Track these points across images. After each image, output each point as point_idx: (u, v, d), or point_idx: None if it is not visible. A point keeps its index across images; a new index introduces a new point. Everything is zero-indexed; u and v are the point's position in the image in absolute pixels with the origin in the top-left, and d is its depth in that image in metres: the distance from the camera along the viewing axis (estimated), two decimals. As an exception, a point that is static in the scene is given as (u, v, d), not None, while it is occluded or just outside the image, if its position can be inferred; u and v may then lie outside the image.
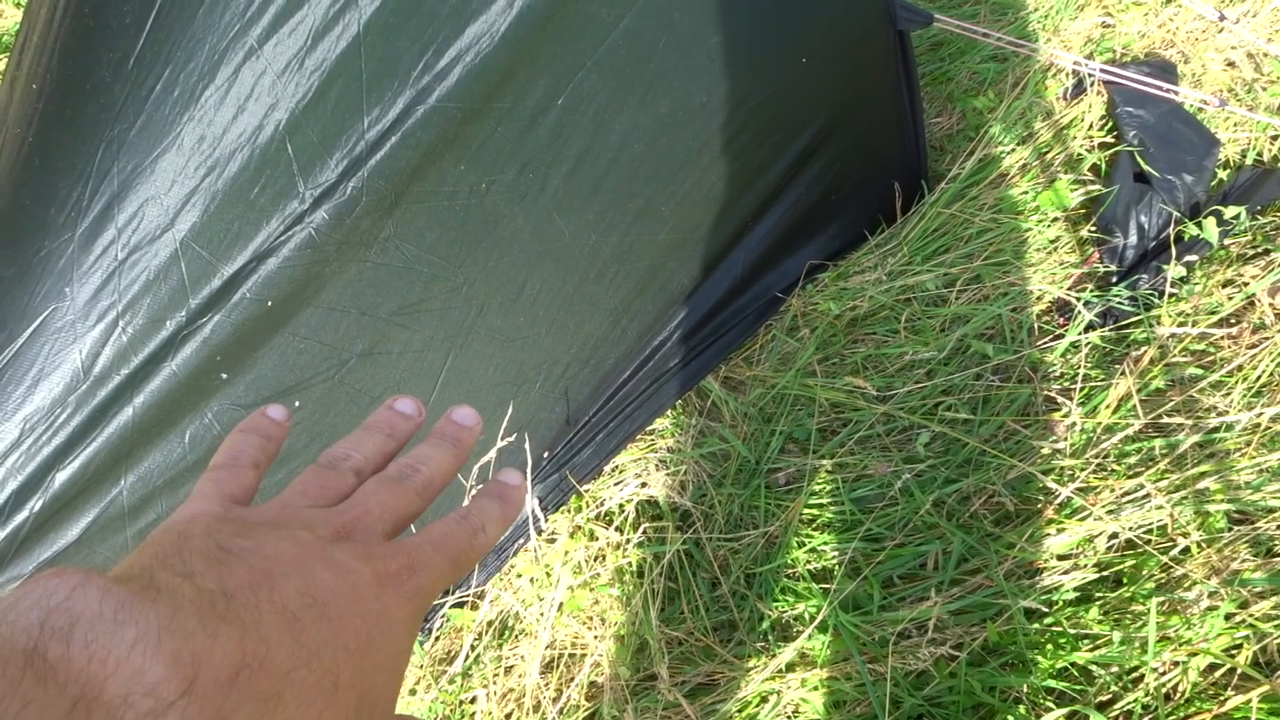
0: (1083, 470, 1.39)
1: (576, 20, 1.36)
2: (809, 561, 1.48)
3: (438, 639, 1.52)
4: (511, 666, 1.45)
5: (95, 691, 0.25)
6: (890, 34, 1.68)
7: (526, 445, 1.53)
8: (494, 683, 1.43)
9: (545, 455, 1.60)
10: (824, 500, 1.54)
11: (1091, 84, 1.96)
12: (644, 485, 1.59)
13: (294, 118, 1.22)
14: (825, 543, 1.49)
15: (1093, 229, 1.77)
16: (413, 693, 1.45)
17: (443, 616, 1.51)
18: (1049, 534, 1.33)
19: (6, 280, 1.19)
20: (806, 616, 1.40)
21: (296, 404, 1.34)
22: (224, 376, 1.27)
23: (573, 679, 1.42)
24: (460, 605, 1.51)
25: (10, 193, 1.25)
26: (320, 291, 1.30)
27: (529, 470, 1.52)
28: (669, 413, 1.71)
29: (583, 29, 1.37)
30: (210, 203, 1.21)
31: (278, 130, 1.22)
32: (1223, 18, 1.95)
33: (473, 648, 1.47)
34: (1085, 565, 1.29)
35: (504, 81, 1.33)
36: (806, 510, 1.53)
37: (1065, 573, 1.30)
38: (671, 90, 1.49)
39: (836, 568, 1.45)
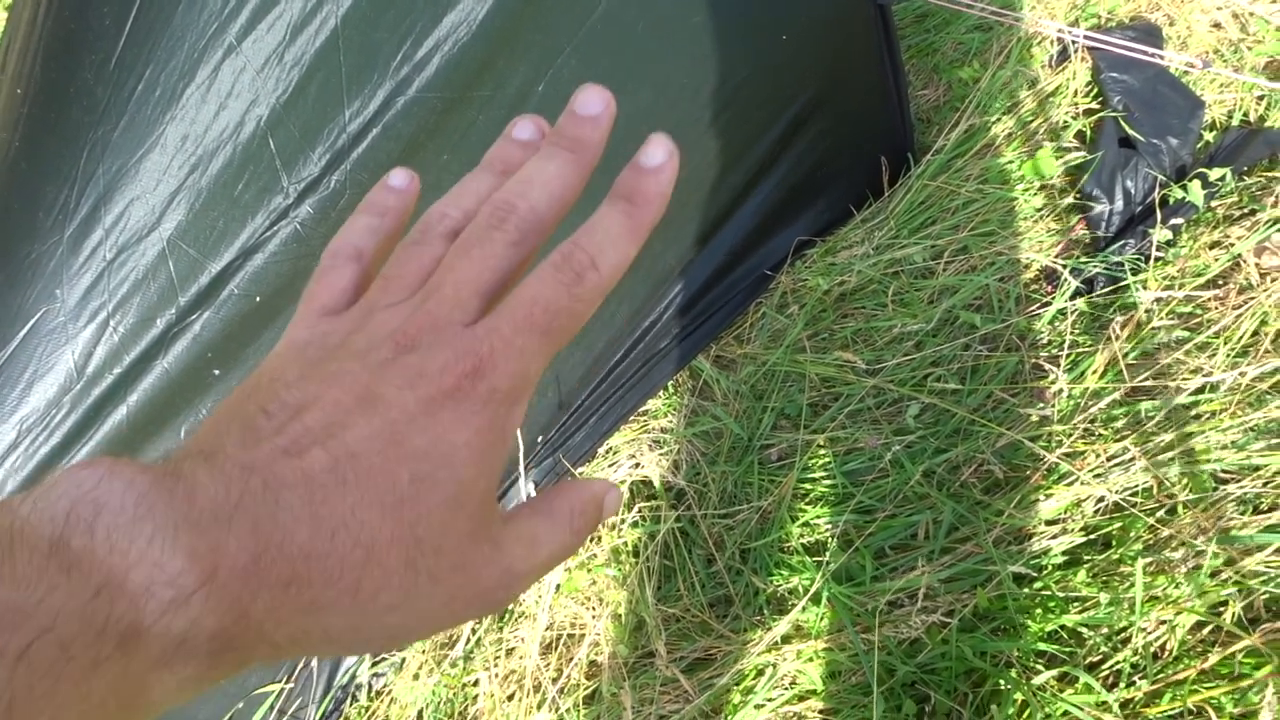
0: (1070, 436, 1.40)
1: (554, 5, 1.36)
2: (802, 535, 1.50)
3: (439, 623, 1.54)
4: (512, 649, 1.47)
5: (120, 579, 0.26)
6: (871, 8, 1.68)
7: (518, 432, 1.54)
8: (495, 665, 1.45)
9: (539, 440, 1.62)
10: (816, 474, 1.55)
11: (1076, 51, 1.96)
12: (638, 466, 1.61)
13: (275, 113, 1.23)
14: (818, 516, 1.50)
15: (1078, 196, 1.77)
16: (415, 677, 1.47)
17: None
18: (1037, 500, 1.35)
19: (-1, 285, 1.21)
20: (801, 589, 1.42)
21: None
22: (216, 373, 1.28)
23: (572, 658, 1.44)
24: (460, 590, 1.53)
25: (-1, 198, 1.27)
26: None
27: (522, 457, 1.54)
28: (661, 393, 1.72)
29: (561, 14, 1.38)
30: (195, 200, 1.22)
31: (259, 126, 1.23)
32: (1205, -21, 1.94)
33: (473, 631, 1.49)
34: (1073, 529, 1.30)
35: (483, 70, 1.34)
36: (799, 485, 1.54)
37: (1054, 537, 1.31)
38: (653, 72, 1.50)
39: (829, 540, 1.46)
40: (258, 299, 1.27)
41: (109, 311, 1.21)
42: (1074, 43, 1.95)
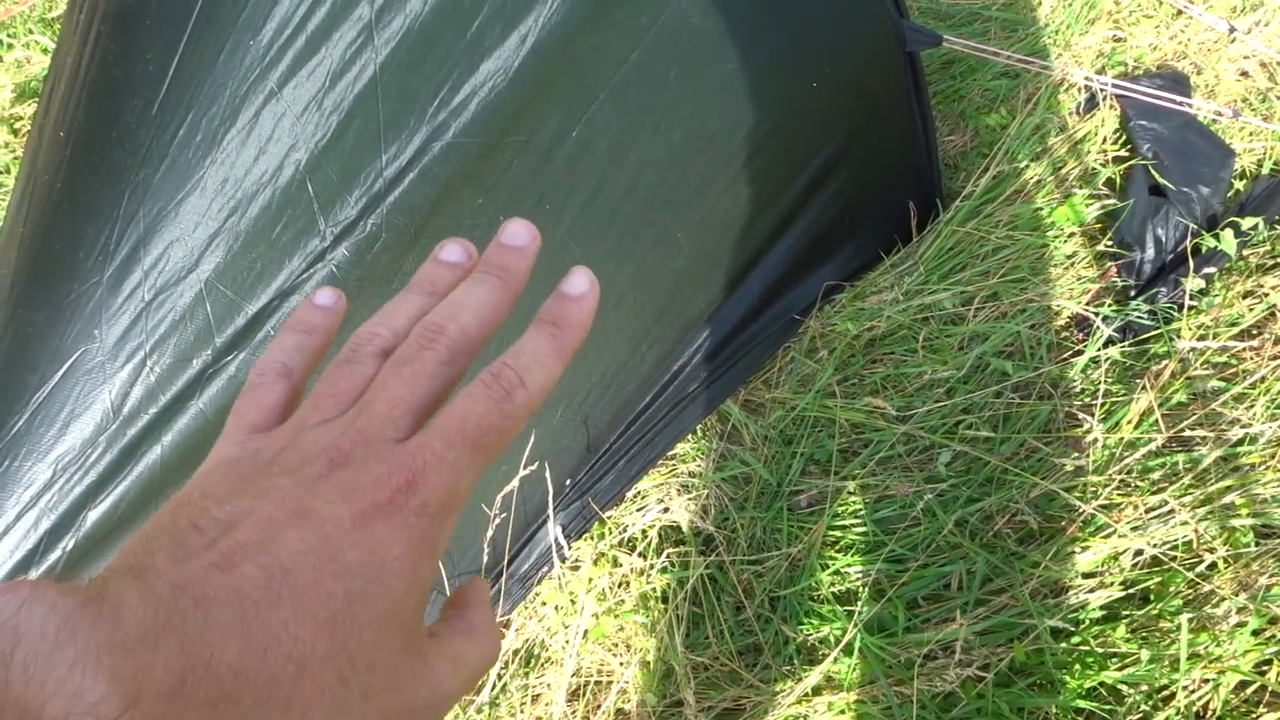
0: (1106, 487, 1.39)
1: (589, 53, 1.38)
2: (833, 584, 1.48)
3: (465, 668, 1.52)
4: (538, 695, 1.46)
5: (35, 712, 0.25)
6: (899, 55, 1.69)
7: (547, 474, 1.54)
8: (521, 712, 1.43)
9: (567, 483, 1.61)
10: (846, 522, 1.54)
11: (1104, 98, 1.96)
12: (666, 510, 1.60)
13: (313, 157, 1.25)
14: (849, 565, 1.49)
15: (1109, 243, 1.77)
16: (441, 723, 1.45)
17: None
18: (1074, 552, 1.33)
19: (38, 324, 1.22)
20: (832, 639, 1.40)
21: (321, 438, 1.36)
22: (250, 413, 1.29)
23: (599, 706, 1.42)
24: (486, 634, 1.52)
25: (41, 238, 1.28)
26: (342, 329, 1.32)
27: (550, 499, 1.53)
28: (690, 437, 1.72)
29: (595, 62, 1.39)
30: (234, 243, 1.23)
31: (298, 170, 1.24)
32: (1233, 29, 1.95)
33: (499, 677, 1.48)
34: (1111, 583, 1.29)
35: (519, 115, 1.35)
36: (829, 532, 1.53)
37: (1091, 591, 1.29)
38: (684, 119, 1.51)
39: (861, 590, 1.45)
40: (293, 341, 1.28)
41: (146, 352, 1.21)
42: (1102, 90, 1.95)
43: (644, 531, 1.59)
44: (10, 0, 2.74)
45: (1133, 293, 1.70)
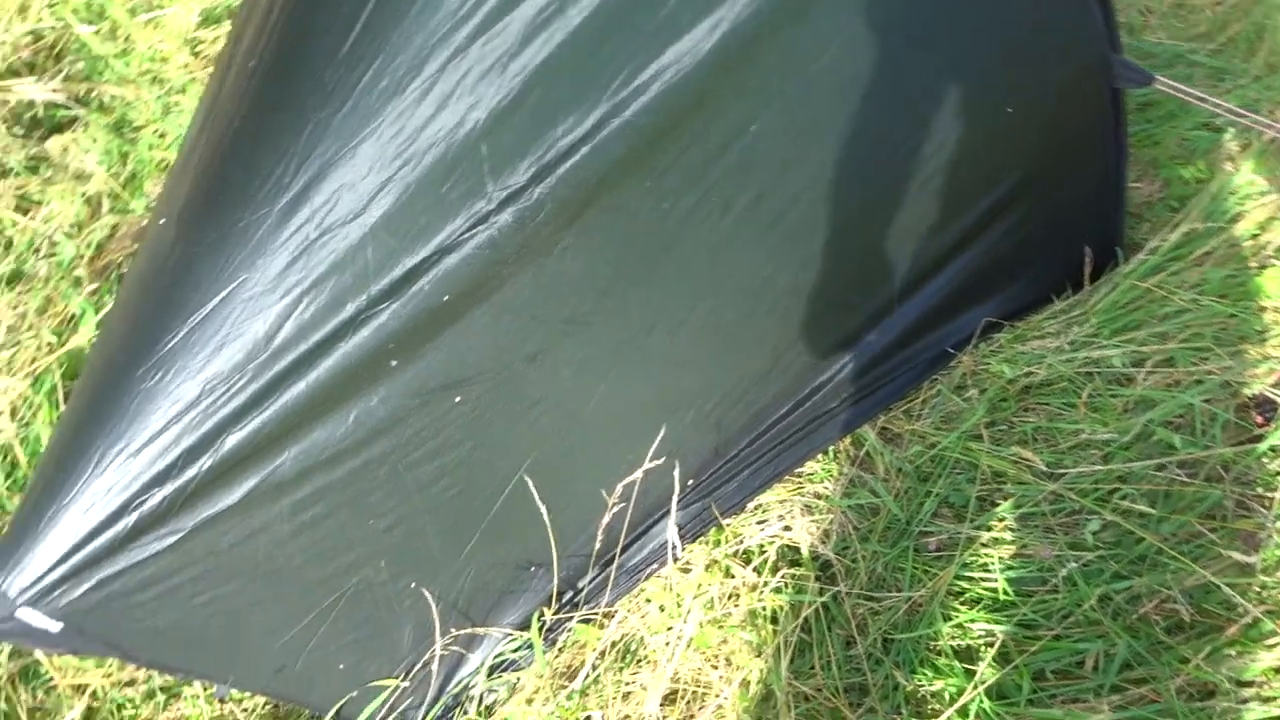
0: (1276, 590, 1.27)
1: (779, 50, 1.32)
2: (953, 637, 1.40)
3: (561, 651, 1.50)
4: (630, 693, 1.43)
5: None
6: (1105, 91, 1.59)
7: (676, 471, 1.50)
8: (611, 706, 1.40)
9: (690, 483, 1.57)
10: (976, 574, 1.46)
11: (1321, 166, 1.81)
12: (787, 529, 1.54)
13: (491, 119, 1.23)
14: (973, 620, 1.40)
15: (1308, 324, 1.62)
16: (529, 702, 1.44)
17: (569, 630, 1.50)
18: (1231, 655, 1.22)
19: (206, 246, 1.24)
20: (946, 696, 1.32)
21: (458, 399, 1.35)
22: (394, 364, 1.28)
23: (692, 717, 1.38)
24: (587, 621, 1.50)
25: (218, 163, 1.30)
26: (495, 292, 1.31)
27: (675, 496, 1.49)
28: (820, 457, 1.65)
29: (785, 59, 1.34)
30: (403, 193, 1.22)
31: (475, 129, 1.23)
32: None
33: (594, 666, 1.45)
34: (1271, 698, 1.17)
35: (700, 103, 1.31)
36: (956, 581, 1.45)
37: (1245, 701, 1.18)
38: (868, 130, 1.45)
39: (983, 649, 1.36)
40: (446, 297, 1.27)
41: (304, 289, 1.22)
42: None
43: (761, 546, 1.54)
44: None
45: (1327, 381, 1.55)
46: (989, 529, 1.48)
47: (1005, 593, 1.40)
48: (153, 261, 1.31)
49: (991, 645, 1.36)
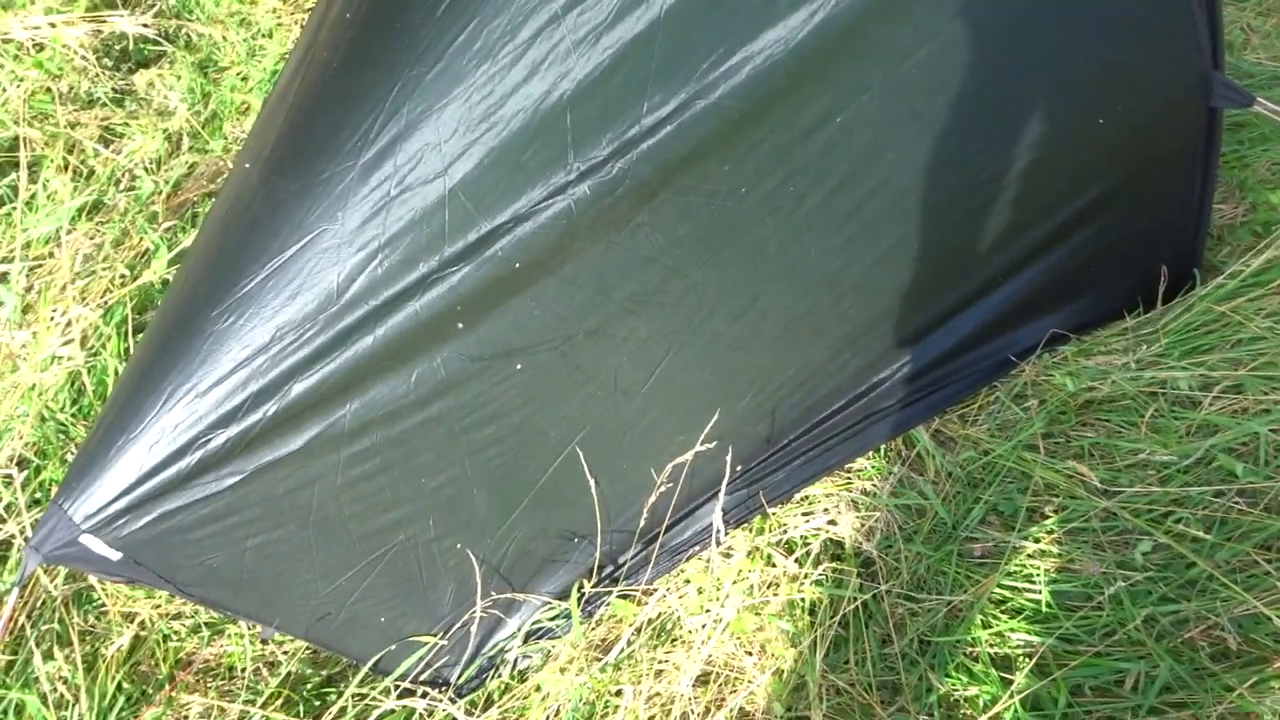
0: (1330, 627, 1.25)
1: (874, 42, 1.31)
2: (991, 644, 1.40)
3: (598, 624, 1.52)
4: (662, 671, 1.44)
5: None
6: (1202, 109, 1.55)
7: (728, 457, 1.50)
8: (644, 682, 1.42)
9: (739, 469, 1.57)
10: (1019, 584, 1.44)
11: None
12: (832, 522, 1.54)
13: (579, 90, 1.23)
14: (1013, 629, 1.40)
15: (1386, 362, 1.58)
16: (563, 671, 1.45)
17: (607, 604, 1.51)
18: (1276, 688, 1.20)
19: (290, 194, 1.26)
20: (980, 702, 1.32)
21: (519, 366, 1.36)
22: (460, 326, 1.30)
23: (723, 701, 1.39)
24: (626, 597, 1.51)
25: (308, 112, 1.32)
26: (565, 263, 1.32)
27: (724, 481, 1.50)
28: (871, 454, 1.65)
29: (878, 52, 1.33)
30: (485, 157, 1.23)
31: (561, 100, 1.23)
32: None
33: (629, 642, 1.46)
34: (1317, 735, 1.16)
35: (788, 90, 1.30)
36: (998, 590, 1.44)
37: (1289, 735, 1.17)
38: (953, 129, 1.43)
39: (1021, 659, 1.36)
40: (517, 265, 1.28)
41: (380, 244, 1.24)
42: None
43: (805, 538, 1.54)
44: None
45: (1401, 422, 1.52)
46: (1036, 540, 1.47)
47: (1048, 605, 1.39)
48: (235, 204, 1.33)
49: (1031, 656, 1.35)
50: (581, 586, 1.52)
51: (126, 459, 1.24)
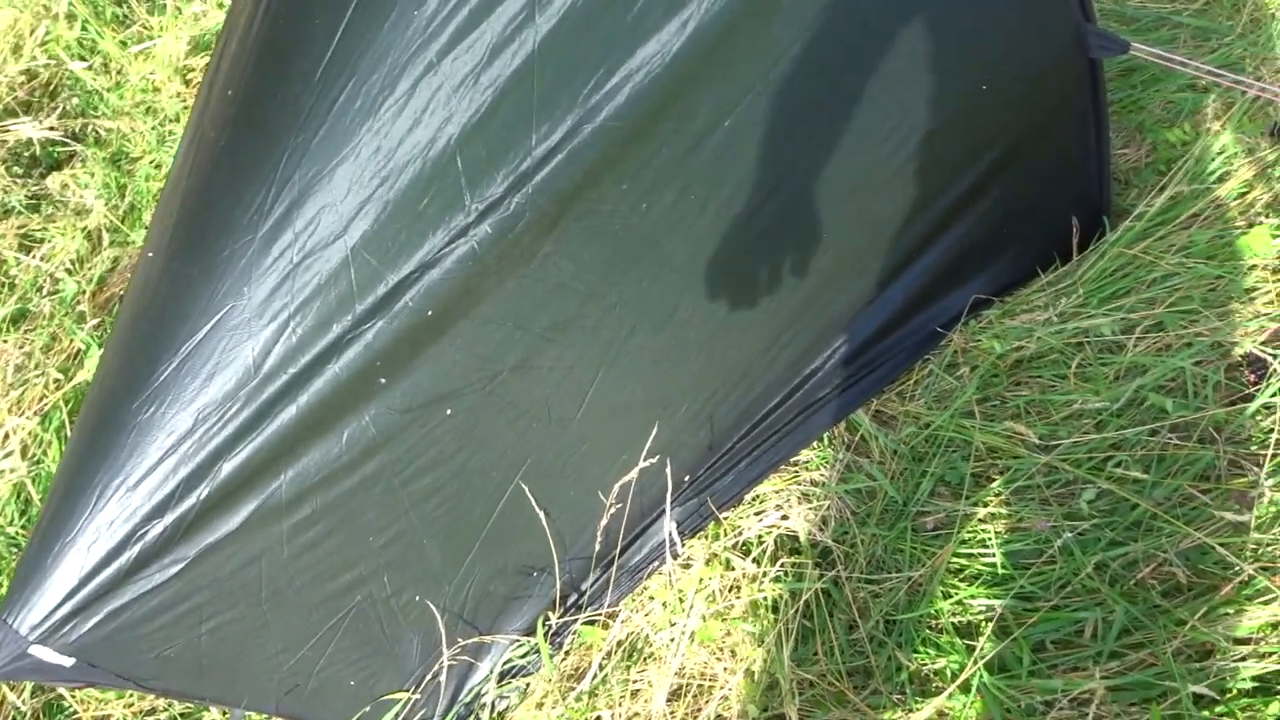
0: (1270, 546, 1.27)
1: (749, 42, 1.33)
2: (954, 614, 1.41)
3: (568, 654, 1.52)
4: (638, 690, 1.44)
5: None
6: (1080, 62, 1.59)
7: (668, 470, 1.51)
8: (620, 705, 1.42)
9: (686, 479, 1.58)
10: (974, 550, 1.46)
11: (1303, 121, 1.80)
12: (784, 518, 1.55)
13: (465, 132, 1.24)
14: (973, 595, 1.41)
15: (1296, 280, 1.62)
16: (539, 706, 1.46)
17: (574, 633, 1.51)
18: (1226, 614, 1.23)
19: (192, 277, 1.26)
20: (948, 673, 1.33)
21: (448, 412, 1.36)
22: (382, 381, 1.30)
23: (699, 711, 1.40)
24: (592, 623, 1.51)
25: (201, 192, 1.32)
26: (478, 304, 1.32)
27: (669, 493, 1.51)
28: (815, 445, 1.66)
29: (755, 52, 1.35)
30: (382, 212, 1.24)
31: (449, 144, 1.24)
32: None
33: (601, 667, 1.46)
34: (1268, 654, 1.18)
35: (672, 102, 1.32)
36: (954, 559, 1.46)
37: (1243, 659, 1.19)
38: (843, 115, 1.45)
39: (983, 624, 1.37)
40: (429, 313, 1.28)
41: (290, 313, 1.24)
42: (1302, 112, 1.79)
43: (760, 537, 1.55)
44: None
45: (1318, 336, 1.55)
46: (985, 505, 1.49)
47: (1003, 567, 1.41)
48: (143, 294, 1.33)
49: (991, 620, 1.36)
50: (547, 619, 1.52)
51: (66, 563, 1.23)
